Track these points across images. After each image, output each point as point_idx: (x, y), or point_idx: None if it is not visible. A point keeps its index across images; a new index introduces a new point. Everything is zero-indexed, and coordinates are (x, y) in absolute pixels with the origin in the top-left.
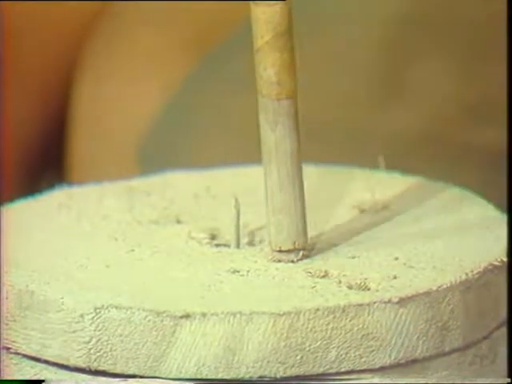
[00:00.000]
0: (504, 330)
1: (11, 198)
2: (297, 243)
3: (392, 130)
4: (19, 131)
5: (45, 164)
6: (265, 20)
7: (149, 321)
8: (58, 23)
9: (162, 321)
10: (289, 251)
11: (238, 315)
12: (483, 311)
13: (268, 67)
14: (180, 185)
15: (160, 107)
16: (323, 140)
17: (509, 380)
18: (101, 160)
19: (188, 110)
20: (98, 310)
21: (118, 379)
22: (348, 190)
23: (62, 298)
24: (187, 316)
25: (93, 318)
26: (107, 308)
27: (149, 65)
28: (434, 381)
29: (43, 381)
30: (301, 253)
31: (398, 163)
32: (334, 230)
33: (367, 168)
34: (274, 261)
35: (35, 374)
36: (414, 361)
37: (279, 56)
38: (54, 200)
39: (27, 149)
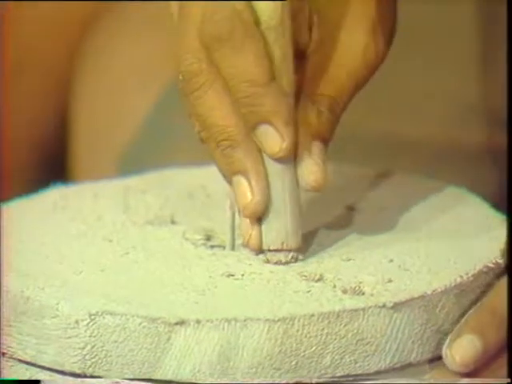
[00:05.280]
0: None
1: (11, 198)
2: (285, 244)
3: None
4: (20, 131)
5: (46, 164)
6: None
7: (143, 327)
8: (57, 24)
9: (156, 327)
10: (277, 251)
11: (233, 321)
12: None
13: None
14: (175, 183)
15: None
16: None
17: (509, 380)
18: (102, 158)
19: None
20: (92, 317)
21: (109, 380)
22: (344, 190)
23: (58, 304)
24: (182, 322)
25: (88, 324)
26: (102, 314)
27: (149, 66)
28: (431, 381)
29: (41, 381)
30: (290, 254)
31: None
32: (328, 231)
33: (363, 168)
34: (265, 261)
35: (31, 377)
36: (409, 365)
37: (270, 51)
38: (49, 200)
39: (28, 148)
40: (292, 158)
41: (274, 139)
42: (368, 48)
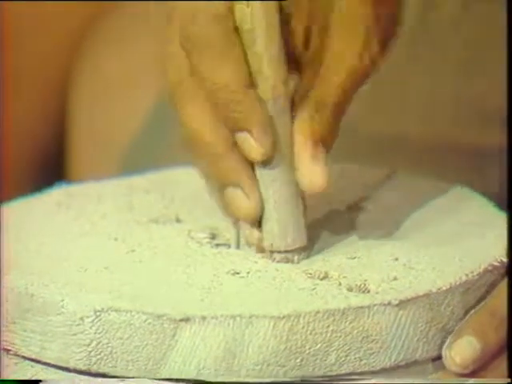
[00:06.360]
0: None
1: (11, 198)
2: (273, 245)
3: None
4: (19, 132)
5: (46, 164)
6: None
7: (149, 324)
8: (57, 25)
9: (162, 324)
10: (269, 252)
11: (238, 318)
12: None
13: None
14: (180, 182)
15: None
16: None
17: (509, 380)
18: (102, 159)
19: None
20: (98, 313)
21: (115, 379)
22: (347, 189)
23: (63, 301)
24: (187, 319)
25: (93, 320)
26: (107, 311)
27: (148, 67)
28: (433, 381)
29: (41, 380)
30: (280, 255)
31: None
32: (333, 230)
33: (367, 167)
34: (264, 257)
35: (36, 374)
36: (414, 362)
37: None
38: (53, 198)
39: (29, 149)
40: (280, 161)
41: (252, 146)
42: (360, 56)
